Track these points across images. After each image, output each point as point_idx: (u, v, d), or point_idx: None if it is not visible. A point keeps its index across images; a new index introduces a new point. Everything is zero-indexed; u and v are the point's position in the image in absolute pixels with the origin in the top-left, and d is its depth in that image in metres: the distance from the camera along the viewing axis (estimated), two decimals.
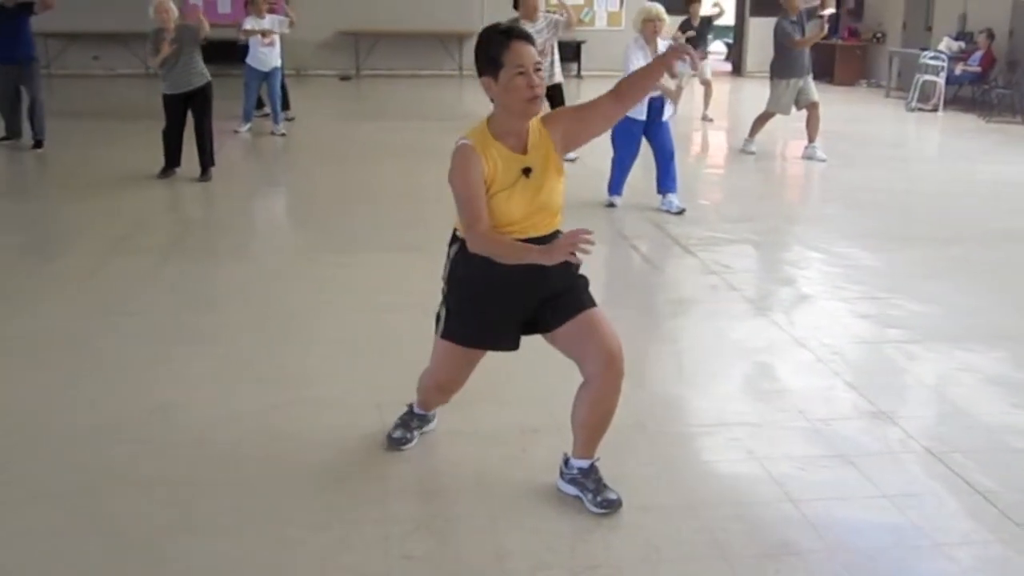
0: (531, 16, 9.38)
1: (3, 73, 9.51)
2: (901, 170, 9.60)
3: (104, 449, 3.47)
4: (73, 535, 2.93)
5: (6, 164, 9.42)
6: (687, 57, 2.86)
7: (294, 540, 2.90)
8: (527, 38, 2.85)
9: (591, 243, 2.62)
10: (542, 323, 3.03)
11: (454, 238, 3.02)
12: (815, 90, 9.68)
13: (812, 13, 9.82)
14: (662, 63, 2.92)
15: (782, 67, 9.62)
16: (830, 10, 9.98)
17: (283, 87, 11.35)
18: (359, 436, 3.55)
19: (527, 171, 2.87)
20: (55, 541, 2.90)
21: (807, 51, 9.60)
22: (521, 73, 2.78)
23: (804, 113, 9.71)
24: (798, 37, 9.43)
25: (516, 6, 10.34)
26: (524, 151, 2.89)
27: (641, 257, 6.29)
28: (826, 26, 9.91)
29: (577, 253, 2.65)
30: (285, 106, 11.47)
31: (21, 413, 3.76)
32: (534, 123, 2.92)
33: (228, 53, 11.98)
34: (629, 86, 2.98)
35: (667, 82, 6.75)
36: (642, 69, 3.04)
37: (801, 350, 4.51)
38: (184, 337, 4.61)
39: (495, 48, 2.81)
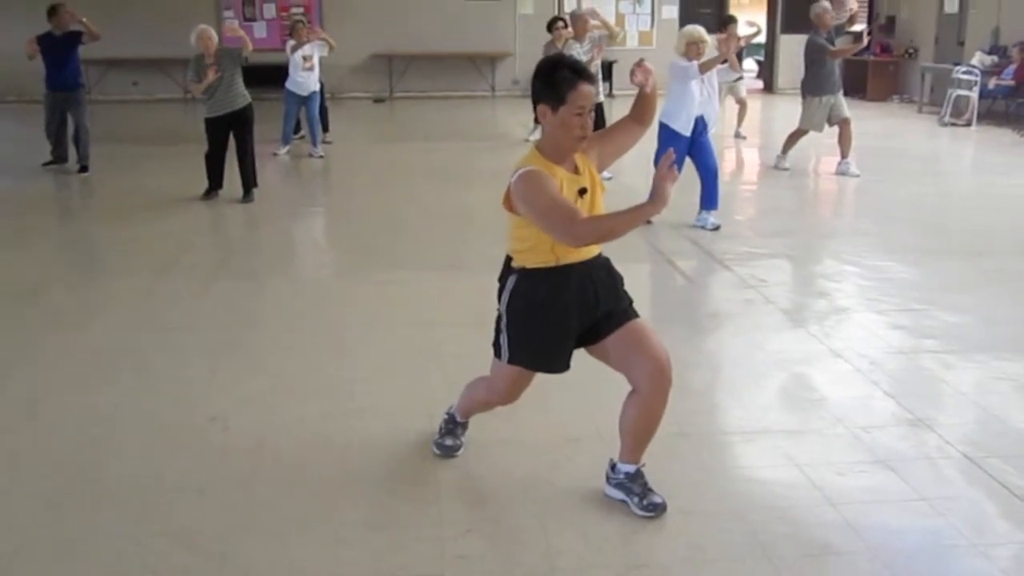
0: (580, 36, 9.54)
1: (51, 99, 9.83)
2: (935, 184, 9.63)
3: (166, 457, 3.62)
4: (139, 536, 3.08)
5: (55, 188, 9.70)
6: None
7: (351, 541, 3.03)
8: (592, 80, 3.01)
9: (675, 159, 2.84)
10: (590, 336, 3.15)
11: (508, 270, 3.16)
12: (846, 106, 9.74)
13: (841, 29, 9.89)
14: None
15: (814, 84, 9.69)
16: (861, 26, 10.05)
17: (324, 110, 11.61)
18: (408, 443, 3.68)
19: (583, 191, 3.04)
20: (123, 542, 3.05)
21: (838, 68, 9.67)
22: (579, 114, 2.94)
23: (836, 129, 9.77)
24: (832, 48, 9.51)
25: (550, 28, 10.52)
26: (577, 172, 3.06)
27: (679, 272, 6.39)
28: (866, 39, 9.94)
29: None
30: (324, 129, 11.71)
31: (86, 424, 3.93)
32: None
33: (266, 77, 12.28)
34: (640, 111, 3.24)
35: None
36: (640, 97, 3.23)
37: (838, 360, 4.59)
38: (235, 352, 4.78)
39: (564, 85, 2.93)
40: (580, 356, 3.23)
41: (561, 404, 3.94)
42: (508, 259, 3.17)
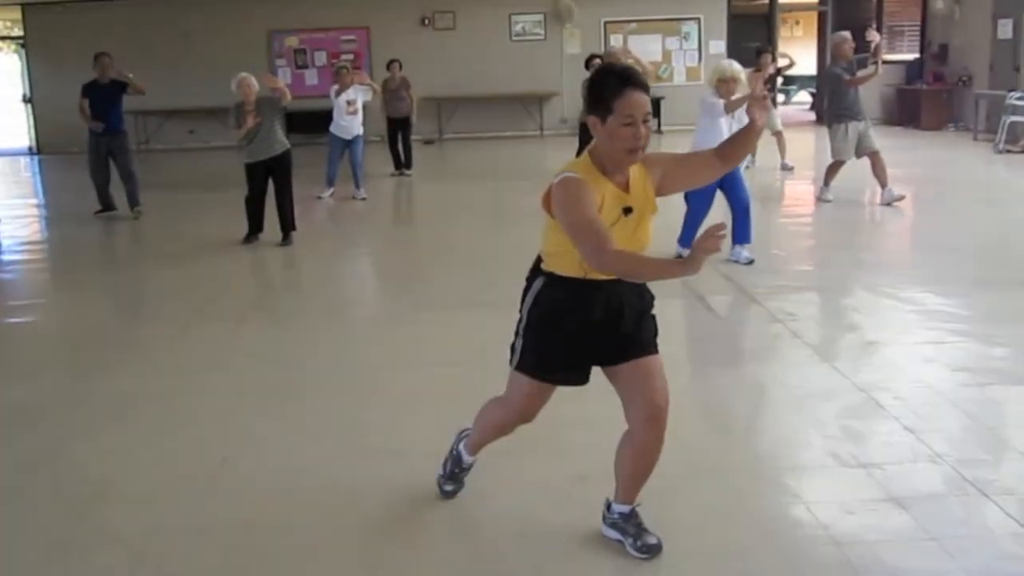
0: None
1: (94, 142, 10.17)
2: (985, 213, 9.40)
3: (173, 498, 3.68)
4: None
5: (103, 234, 9.98)
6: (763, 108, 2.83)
7: None
8: (643, 86, 2.80)
9: (724, 234, 2.61)
10: (608, 358, 3.03)
11: (537, 271, 3.02)
12: (874, 138, 9.71)
13: (863, 62, 9.89)
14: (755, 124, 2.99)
15: (837, 112, 9.76)
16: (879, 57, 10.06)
17: (408, 148, 13.11)
18: (414, 485, 3.65)
19: (627, 210, 2.86)
20: None
21: (860, 96, 9.67)
22: (629, 124, 2.76)
23: (869, 163, 9.70)
24: (848, 77, 9.59)
25: (587, 67, 10.57)
26: (627, 189, 2.89)
27: (706, 307, 6.30)
28: (880, 69, 9.98)
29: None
30: (408, 165, 12.96)
31: (102, 464, 4.01)
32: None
33: (315, 122, 12.54)
34: (731, 148, 3.03)
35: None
36: (743, 132, 3.04)
37: (860, 395, 4.47)
38: (257, 392, 4.83)
39: (609, 92, 2.77)
40: (590, 392, 3.14)
41: (573, 441, 3.90)
42: (538, 259, 3.04)
